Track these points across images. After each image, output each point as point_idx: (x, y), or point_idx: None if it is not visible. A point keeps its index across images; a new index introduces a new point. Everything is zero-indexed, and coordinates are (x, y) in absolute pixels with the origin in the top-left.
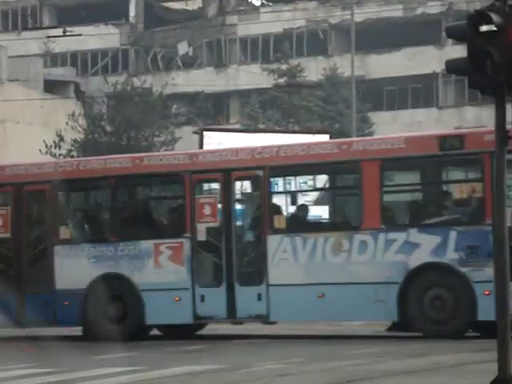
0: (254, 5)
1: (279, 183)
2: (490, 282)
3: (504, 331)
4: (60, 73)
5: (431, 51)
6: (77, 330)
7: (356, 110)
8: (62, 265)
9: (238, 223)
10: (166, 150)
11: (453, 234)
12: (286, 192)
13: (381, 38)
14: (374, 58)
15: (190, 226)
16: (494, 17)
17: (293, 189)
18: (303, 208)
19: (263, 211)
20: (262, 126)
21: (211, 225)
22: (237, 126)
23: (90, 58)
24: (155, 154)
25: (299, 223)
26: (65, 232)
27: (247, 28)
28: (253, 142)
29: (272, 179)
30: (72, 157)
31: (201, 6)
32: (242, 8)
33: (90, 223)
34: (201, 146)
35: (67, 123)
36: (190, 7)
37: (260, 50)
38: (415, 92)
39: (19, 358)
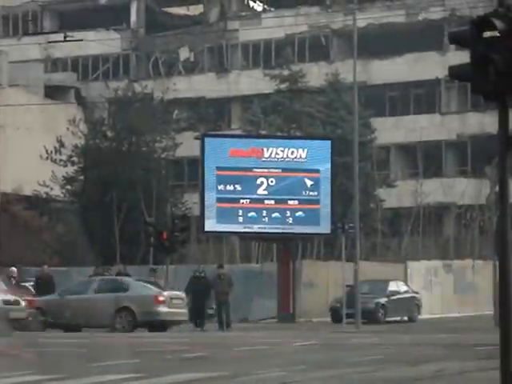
0: (255, 10)
1: None
2: None
3: (506, 341)
4: (61, 78)
5: (433, 57)
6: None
7: (358, 116)
8: None
9: None
10: (167, 156)
11: None
12: None
13: (383, 44)
14: (376, 64)
15: None
16: (497, 22)
17: None
18: None
19: None
20: (263, 132)
21: None
22: (238, 132)
23: (91, 63)
24: None
25: None
26: None
27: (249, 33)
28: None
29: None
30: (73, 162)
31: (202, 11)
32: (243, 13)
33: None
34: (202, 152)
35: (68, 129)
36: (191, 12)
37: (262, 55)
38: (417, 98)
39: (18, 365)
